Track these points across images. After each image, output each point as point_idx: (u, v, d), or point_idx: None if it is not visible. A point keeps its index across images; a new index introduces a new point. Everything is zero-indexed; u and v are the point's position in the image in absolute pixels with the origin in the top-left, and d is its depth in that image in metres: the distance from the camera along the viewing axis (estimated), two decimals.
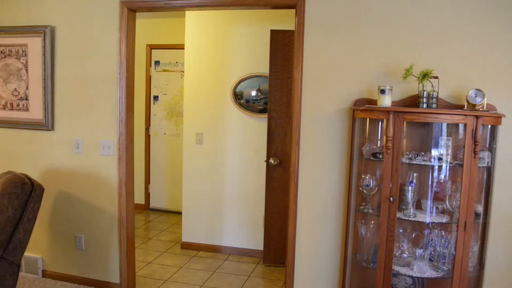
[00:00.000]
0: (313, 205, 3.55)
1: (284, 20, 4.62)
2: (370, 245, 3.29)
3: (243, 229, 5.04)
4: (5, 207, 3.12)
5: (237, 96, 4.87)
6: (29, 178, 3.34)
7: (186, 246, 5.22)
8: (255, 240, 4.99)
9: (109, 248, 4.04)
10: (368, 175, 3.22)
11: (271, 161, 4.57)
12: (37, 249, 4.30)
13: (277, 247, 4.67)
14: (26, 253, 4.16)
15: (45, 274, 4.31)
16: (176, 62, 6.64)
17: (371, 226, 3.28)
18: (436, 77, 3.02)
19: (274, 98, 4.53)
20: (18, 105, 4.20)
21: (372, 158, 3.20)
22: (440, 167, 3.12)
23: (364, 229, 3.29)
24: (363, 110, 3.14)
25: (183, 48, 5.15)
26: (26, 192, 3.18)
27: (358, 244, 3.36)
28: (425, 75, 2.98)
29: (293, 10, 3.54)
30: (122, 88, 3.83)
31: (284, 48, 4.46)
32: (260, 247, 4.90)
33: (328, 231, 3.54)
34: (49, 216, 4.21)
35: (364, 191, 3.23)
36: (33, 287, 4.10)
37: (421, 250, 3.08)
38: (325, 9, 3.39)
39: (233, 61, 4.90)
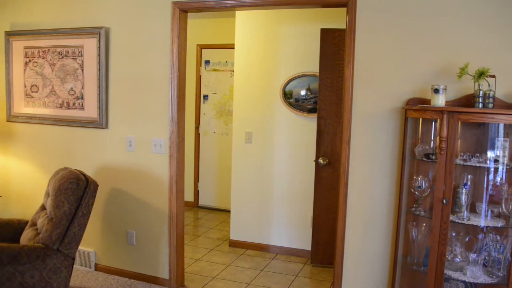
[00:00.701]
0: (363, 205, 3.50)
1: (334, 18, 4.57)
2: (421, 248, 3.21)
3: (291, 229, 5.03)
4: (61, 202, 3.24)
5: (287, 95, 4.86)
6: (84, 175, 3.45)
7: (234, 244, 5.25)
8: (302, 240, 4.97)
9: (159, 244, 4.12)
10: (421, 176, 3.14)
11: (320, 160, 4.54)
12: (90, 243, 4.43)
13: (325, 247, 4.64)
14: (80, 247, 4.30)
15: (97, 267, 4.44)
16: (226, 62, 6.69)
17: (423, 228, 3.19)
18: (493, 76, 2.91)
19: (323, 97, 4.49)
20: (74, 104, 4.34)
21: (424, 159, 3.12)
22: (496, 169, 3.01)
23: (415, 232, 3.21)
24: (416, 109, 3.07)
25: (233, 48, 5.18)
26: (81, 188, 3.29)
27: (409, 247, 3.28)
28: (481, 74, 2.88)
29: (344, 8, 3.50)
30: (174, 88, 3.89)
31: (334, 47, 4.42)
32: (308, 247, 4.87)
33: (378, 233, 3.48)
34: (102, 211, 4.33)
35: (416, 192, 3.15)
36: (86, 280, 4.23)
37: (475, 254, 2.98)
38: (377, 6, 3.33)
39: (283, 60, 4.89)
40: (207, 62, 6.83)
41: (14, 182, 4.79)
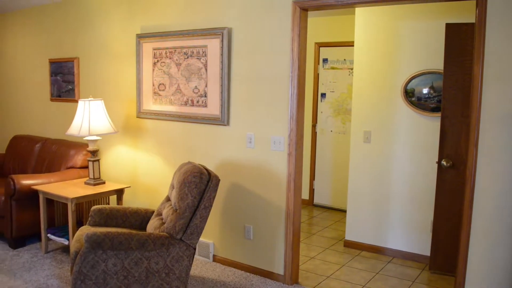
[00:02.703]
0: (490, 211, 3.27)
1: (459, 12, 4.33)
2: None
3: (408, 232, 4.84)
4: (185, 194, 3.40)
5: (408, 94, 4.69)
6: (207, 169, 3.60)
7: (349, 244, 5.18)
8: (421, 245, 4.77)
9: (275, 240, 4.19)
10: None
11: (443, 162, 4.32)
12: (209, 235, 4.62)
13: (445, 254, 4.41)
14: (200, 238, 4.49)
15: (215, 258, 4.61)
16: (344, 60, 6.61)
17: None
18: None
19: (448, 95, 4.27)
20: (197, 102, 4.54)
21: None
22: None
23: None
24: None
25: (352, 45, 5.10)
26: (203, 182, 3.44)
27: None
28: None
29: (471, 2, 3.30)
30: (294, 86, 3.93)
31: (461, 42, 4.17)
32: (426, 252, 4.66)
33: (507, 241, 3.24)
34: (221, 205, 4.49)
35: None
36: (205, 270, 4.42)
37: None
38: None
39: (404, 57, 4.72)
40: (325, 60, 6.80)
41: (141, 174, 5.13)
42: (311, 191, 7.06)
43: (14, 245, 4.85)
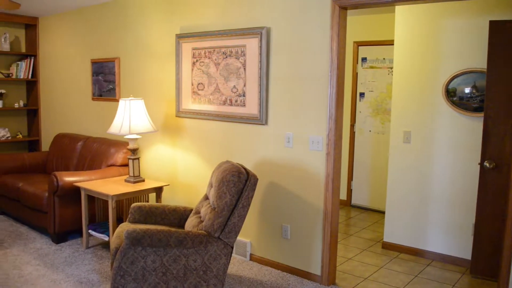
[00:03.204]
0: None
1: (504, 9, 4.20)
2: None
3: (448, 235, 4.74)
4: (224, 193, 3.43)
5: (450, 94, 4.59)
6: (245, 168, 3.61)
7: (387, 246, 5.11)
8: (461, 248, 4.66)
9: (313, 240, 4.17)
10: None
11: (486, 164, 4.21)
12: (246, 234, 4.64)
13: (487, 258, 4.29)
14: (237, 237, 4.50)
15: (252, 257, 4.62)
16: (384, 59, 6.52)
17: None
18: None
19: (492, 95, 4.16)
20: (236, 101, 4.56)
21: None
22: None
23: None
24: None
25: (391, 44, 5.02)
26: (242, 181, 3.45)
27: None
28: None
29: None
30: (333, 85, 3.90)
31: (506, 40, 4.06)
32: (467, 256, 4.55)
33: None
34: (259, 204, 4.50)
35: None
36: (242, 268, 4.43)
37: None
38: None
39: (445, 56, 4.62)
40: (364, 59, 6.72)
41: (180, 172, 5.19)
42: (349, 191, 7.00)
43: (56, 240, 4.99)
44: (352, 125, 6.87)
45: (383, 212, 5.31)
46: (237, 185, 3.42)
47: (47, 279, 4.12)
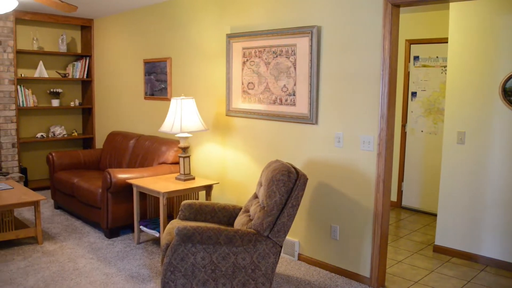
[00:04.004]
0: None
1: None
2: None
3: (504, 240, 4.56)
4: (273, 192, 3.43)
5: (507, 93, 4.42)
6: (294, 168, 3.61)
7: (439, 249, 4.98)
8: None
9: (362, 241, 4.11)
10: None
11: None
12: (295, 234, 4.63)
13: None
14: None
15: (300, 257, 4.61)
16: (437, 57, 6.36)
17: None
18: None
19: None
20: (286, 100, 4.56)
21: None
22: None
23: None
24: None
25: (445, 42, 4.88)
26: (291, 180, 3.45)
27: None
28: None
29: None
30: (385, 84, 3.83)
31: None
32: None
33: None
34: (308, 204, 4.48)
35: None
36: (290, 268, 4.43)
37: None
38: None
39: (502, 54, 4.45)
40: (416, 57, 6.58)
41: (229, 171, 5.23)
42: (399, 193, 6.87)
43: (109, 235, 5.14)
44: (403, 125, 6.74)
45: (435, 215, 5.18)
46: (286, 185, 3.42)
47: (100, 272, 4.25)
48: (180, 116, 4.77)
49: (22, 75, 7.08)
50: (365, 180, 4.04)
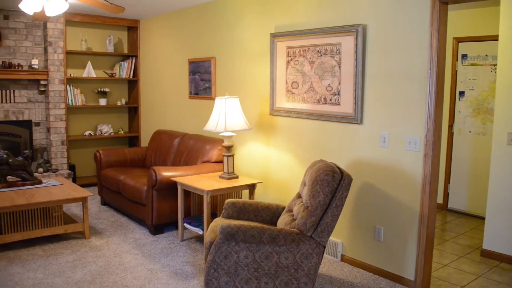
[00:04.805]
0: None
1: None
2: None
3: None
4: (317, 192, 3.41)
5: None
6: (339, 168, 3.58)
7: (486, 254, 4.84)
8: None
9: (407, 243, 4.04)
10: None
11: None
12: (338, 234, 4.59)
13: None
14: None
15: (343, 258, 4.57)
16: (486, 55, 6.18)
17: None
18: None
19: None
20: (330, 100, 4.53)
21: None
22: None
23: None
24: None
25: (495, 40, 4.74)
26: (336, 180, 3.42)
27: None
28: None
29: None
30: (432, 84, 3.75)
31: None
32: None
33: None
34: (352, 204, 4.44)
35: None
36: (332, 269, 4.40)
37: None
38: None
39: None
40: (464, 56, 6.41)
41: (273, 170, 5.24)
42: (446, 195, 6.71)
43: (153, 232, 5.23)
44: (451, 125, 6.57)
45: (483, 218, 5.03)
46: (331, 185, 3.40)
47: (145, 268, 4.33)
48: (225, 115, 4.81)
49: (71, 75, 7.31)
50: (410, 181, 3.97)
